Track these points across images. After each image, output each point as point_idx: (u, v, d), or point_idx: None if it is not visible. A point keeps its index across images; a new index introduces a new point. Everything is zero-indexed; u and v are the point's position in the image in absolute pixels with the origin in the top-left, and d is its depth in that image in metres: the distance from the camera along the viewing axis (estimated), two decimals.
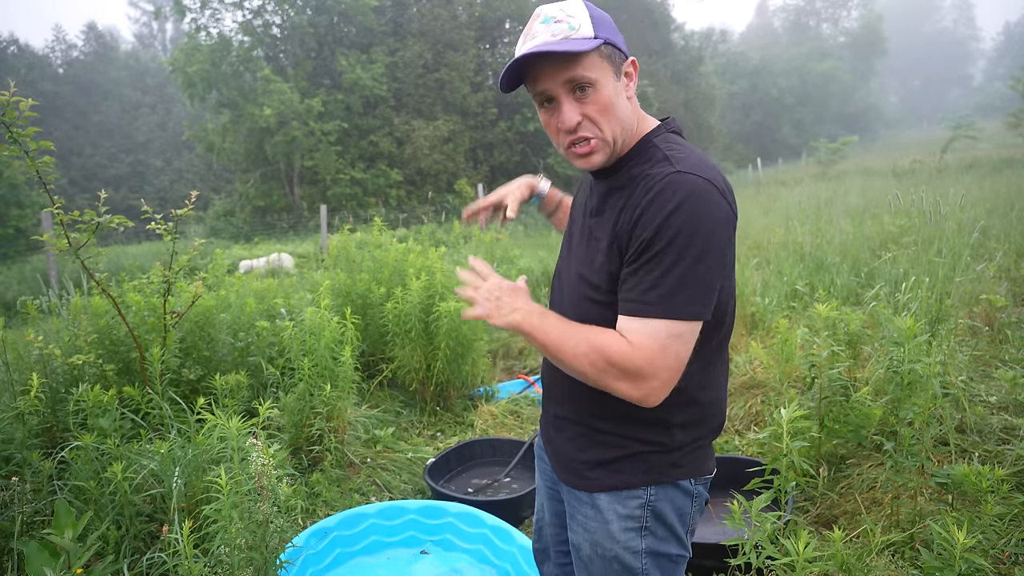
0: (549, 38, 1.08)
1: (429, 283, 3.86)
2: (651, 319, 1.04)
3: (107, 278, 3.05)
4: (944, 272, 4.31)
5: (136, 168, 32.59)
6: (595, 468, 1.23)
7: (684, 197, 1.03)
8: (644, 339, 1.04)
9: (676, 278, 1.03)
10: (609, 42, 1.10)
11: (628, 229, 1.08)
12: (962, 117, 27.92)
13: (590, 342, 1.08)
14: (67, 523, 1.68)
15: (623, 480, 1.20)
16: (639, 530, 1.21)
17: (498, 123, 21.85)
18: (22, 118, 2.22)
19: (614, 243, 1.12)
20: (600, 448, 1.22)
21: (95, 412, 2.30)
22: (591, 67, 1.09)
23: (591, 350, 1.07)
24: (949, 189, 8.83)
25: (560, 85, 1.10)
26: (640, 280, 1.05)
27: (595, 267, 1.16)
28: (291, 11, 20.64)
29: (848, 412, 2.63)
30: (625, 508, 1.21)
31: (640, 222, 1.06)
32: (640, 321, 1.05)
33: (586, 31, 1.08)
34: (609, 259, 1.13)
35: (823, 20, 58.01)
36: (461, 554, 2.50)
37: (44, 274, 9.38)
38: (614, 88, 1.11)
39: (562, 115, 1.11)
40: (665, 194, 1.04)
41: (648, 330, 1.04)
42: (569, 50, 1.05)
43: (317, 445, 3.00)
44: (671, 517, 1.22)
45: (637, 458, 1.20)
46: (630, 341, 1.05)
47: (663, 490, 1.21)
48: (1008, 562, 2.02)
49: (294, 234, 16.71)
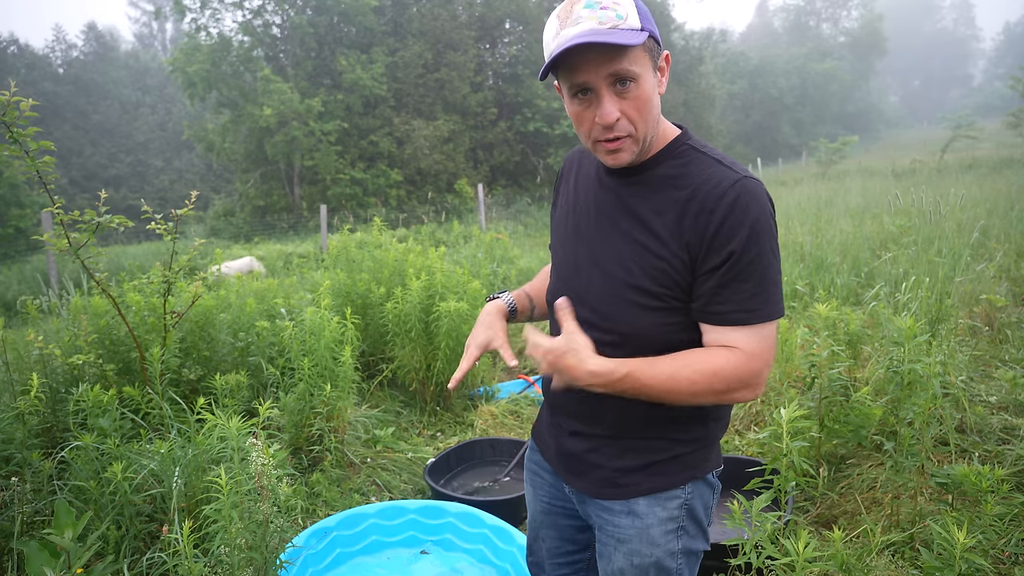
0: (596, 25, 1.00)
1: (429, 283, 3.86)
2: (757, 324, 1.07)
3: (107, 278, 3.05)
4: (944, 272, 4.31)
5: (136, 168, 32.60)
6: (631, 473, 1.20)
7: (759, 203, 1.05)
8: (756, 345, 1.07)
9: (770, 282, 1.06)
10: (653, 35, 1.05)
11: (708, 238, 1.05)
12: (962, 117, 27.85)
13: (703, 372, 1.05)
14: (67, 523, 1.68)
15: (664, 481, 1.18)
16: (677, 531, 1.20)
17: (498, 123, 21.85)
18: (22, 118, 2.22)
19: (682, 252, 1.08)
20: (637, 454, 1.19)
21: (95, 412, 2.30)
22: (635, 61, 1.03)
23: (711, 378, 1.05)
24: (949, 189, 8.83)
25: (603, 78, 1.02)
26: (738, 290, 1.05)
27: (650, 274, 1.10)
28: (291, 11, 20.65)
29: (848, 412, 2.63)
30: (665, 510, 1.19)
31: (723, 231, 1.04)
32: (748, 329, 1.07)
33: (634, 21, 1.01)
34: (673, 267, 1.09)
35: (823, 20, 58.01)
36: (461, 554, 2.50)
37: (44, 274, 9.39)
38: (652, 84, 1.07)
39: (603, 109, 1.04)
40: (743, 201, 1.04)
41: (758, 336, 1.07)
42: (622, 43, 0.98)
43: (317, 445, 3.00)
44: (700, 513, 1.22)
45: (677, 458, 1.18)
46: (744, 351, 1.06)
47: (697, 486, 1.20)
48: (1008, 562, 2.02)
49: (294, 234, 16.71)
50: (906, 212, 7.13)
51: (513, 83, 22.39)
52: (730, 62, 40.70)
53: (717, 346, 1.08)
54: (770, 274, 1.06)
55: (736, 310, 1.06)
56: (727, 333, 1.07)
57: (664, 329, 1.12)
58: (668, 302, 1.11)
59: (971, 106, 47.90)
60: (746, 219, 1.03)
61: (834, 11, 57.70)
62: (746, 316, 1.06)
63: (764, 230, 1.05)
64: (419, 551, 2.54)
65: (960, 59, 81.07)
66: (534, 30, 21.85)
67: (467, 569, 2.43)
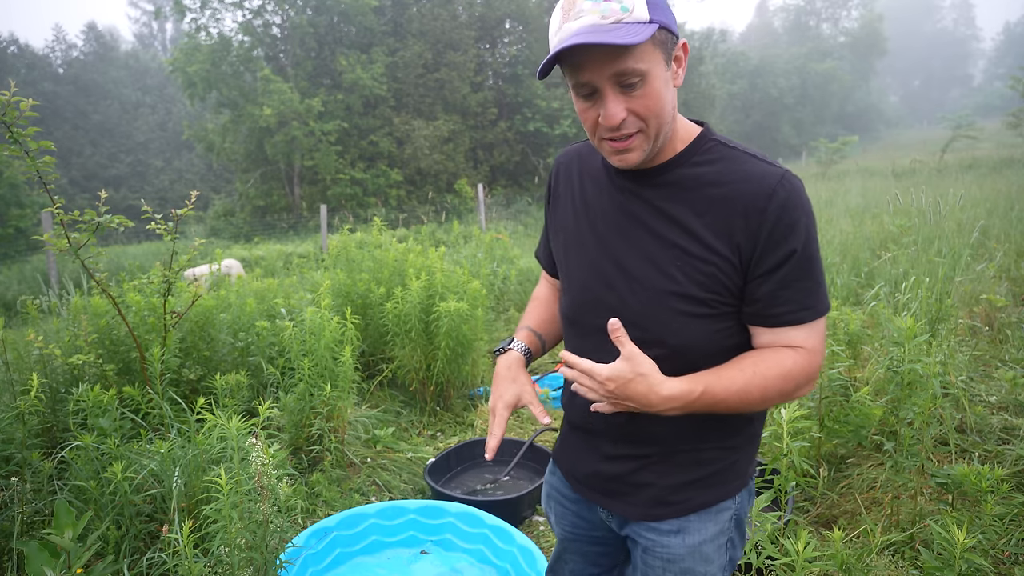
0: (598, 20, 0.92)
1: (429, 283, 3.86)
2: (815, 321, 1.05)
3: (107, 278, 3.05)
4: (944, 272, 4.31)
5: (136, 168, 32.60)
6: (682, 489, 1.13)
7: (805, 198, 1.03)
8: (816, 341, 1.06)
9: (821, 277, 1.05)
10: (664, 26, 0.95)
11: (763, 238, 1.00)
12: (962, 117, 27.85)
13: (775, 376, 1.03)
14: (67, 523, 1.68)
15: (716, 494, 1.13)
16: (727, 544, 1.16)
17: (498, 123, 21.85)
18: (22, 118, 2.22)
19: (732, 255, 1.02)
20: (688, 468, 1.13)
21: (95, 412, 2.30)
22: (643, 58, 0.93)
23: (782, 382, 1.03)
24: (949, 189, 8.83)
25: (607, 78, 0.95)
26: (799, 289, 1.03)
27: (696, 280, 1.03)
28: (291, 11, 20.65)
29: (848, 412, 2.63)
30: (717, 524, 1.14)
31: (778, 230, 0.99)
32: (807, 327, 1.05)
33: (640, 13, 0.92)
34: (722, 271, 1.02)
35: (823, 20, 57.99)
36: (461, 554, 2.50)
37: (44, 274, 9.39)
38: (664, 79, 0.97)
39: (607, 110, 0.97)
40: (794, 198, 1.00)
41: (815, 332, 1.06)
42: (623, 42, 0.89)
43: (317, 445, 3.00)
44: (744, 520, 1.20)
45: (725, 470, 1.14)
46: (807, 348, 1.05)
47: (743, 494, 1.18)
48: (1008, 562, 2.02)
49: (294, 234, 16.71)
50: (906, 212, 7.12)
51: (513, 83, 22.39)
52: (730, 62, 40.68)
53: (779, 347, 1.05)
54: (820, 269, 1.05)
55: (796, 309, 1.03)
56: (787, 333, 1.05)
57: (716, 337, 1.06)
58: (717, 308, 1.04)
59: (971, 106, 47.88)
60: (800, 216, 1.00)
61: (834, 11, 57.68)
62: (805, 314, 1.04)
63: (812, 227, 1.03)
64: (419, 551, 2.54)
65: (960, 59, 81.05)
66: (534, 30, 21.85)
67: (467, 569, 2.43)
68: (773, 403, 1.06)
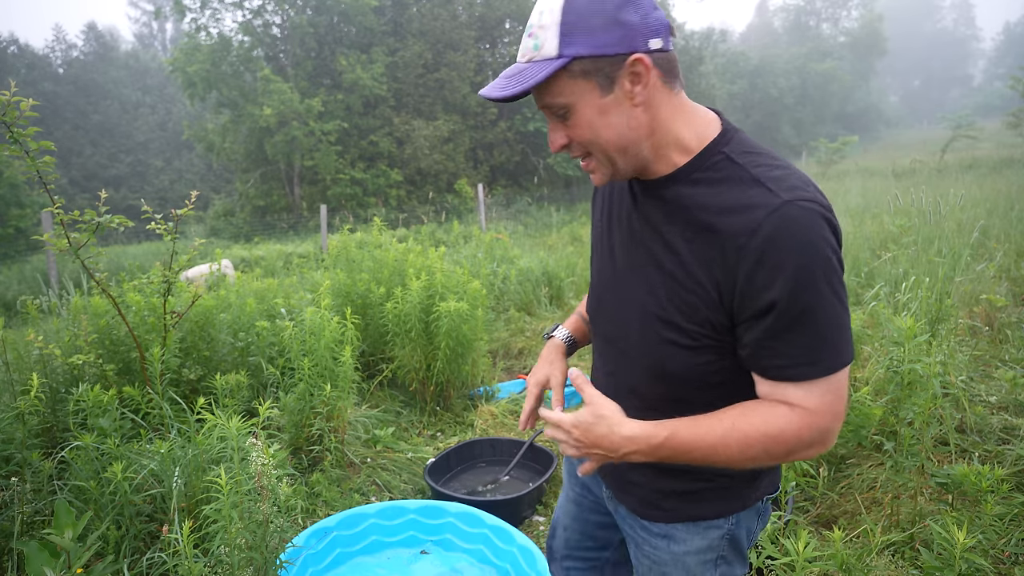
0: (520, 58, 0.95)
1: (429, 283, 3.86)
2: (819, 379, 0.90)
3: (107, 278, 3.05)
4: (944, 272, 4.31)
5: (136, 168, 32.61)
6: (671, 497, 1.11)
7: (807, 236, 0.85)
8: (820, 401, 0.90)
9: (833, 329, 0.88)
10: (582, 56, 0.89)
11: (741, 282, 0.89)
12: (962, 117, 27.84)
13: (759, 436, 0.92)
14: (67, 523, 1.68)
15: (708, 510, 1.10)
16: (715, 560, 1.12)
17: (498, 123, 21.85)
18: (22, 118, 2.22)
19: (712, 289, 0.93)
20: (677, 478, 1.10)
21: (95, 412, 2.30)
22: (560, 92, 0.92)
23: (767, 442, 0.92)
24: (949, 189, 8.82)
25: (542, 109, 0.97)
26: (792, 343, 0.89)
27: (680, 309, 0.97)
28: (291, 11, 20.65)
29: (848, 412, 2.63)
30: (704, 539, 1.11)
31: (759, 276, 0.87)
32: (807, 385, 0.90)
33: (548, 50, 0.90)
34: (704, 303, 0.94)
35: (823, 20, 57.98)
36: (461, 554, 2.50)
37: (44, 274, 9.38)
38: (599, 107, 0.92)
39: (549, 138, 1.00)
40: (783, 237, 0.85)
41: (820, 390, 0.90)
42: (513, 93, 0.90)
43: (317, 445, 3.00)
44: (743, 542, 1.14)
45: (722, 489, 1.09)
46: (806, 408, 0.91)
47: (742, 516, 1.12)
48: (1008, 562, 2.02)
49: (294, 234, 16.71)
50: (906, 212, 7.12)
51: None
52: (730, 62, 40.67)
53: (774, 401, 0.93)
54: (832, 321, 0.88)
55: (792, 364, 0.90)
56: (784, 389, 0.92)
57: (698, 370, 0.99)
58: (700, 340, 0.97)
59: (971, 106, 47.89)
60: (787, 261, 0.85)
61: (834, 11, 57.67)
62: (806, 371, 0.89)
63: (816, 271, 0.85)
64: (419, 551, 2.54)
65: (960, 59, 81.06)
66: None
67: (467, 569, 2.43)
68: (762, 463, 0.95)
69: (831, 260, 0.87)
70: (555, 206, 18.78)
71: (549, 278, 6.69)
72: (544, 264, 6.93)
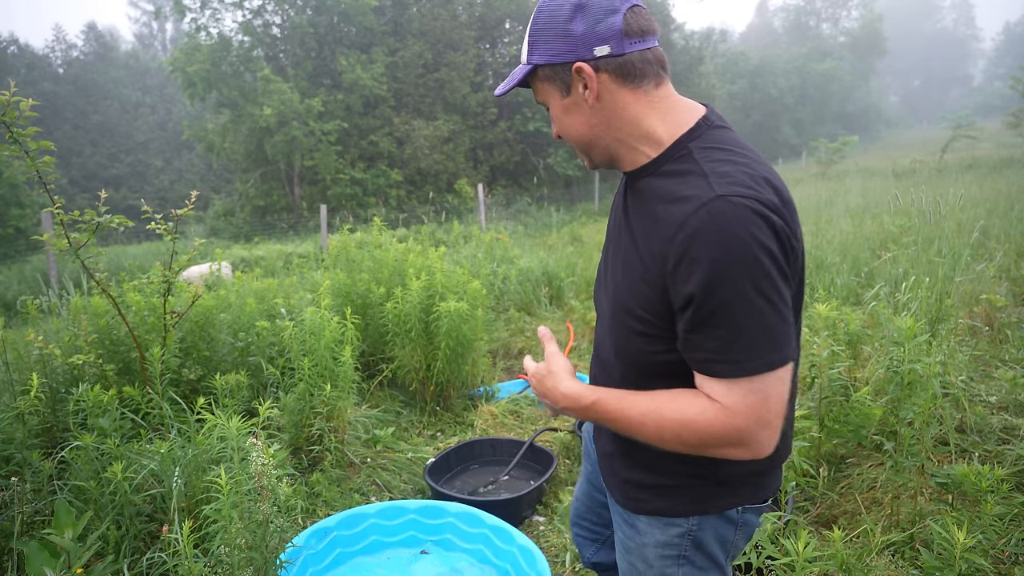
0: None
1: (429, 283, 3.86)
2: (740, 379, 0.89)
3: (107, 278, 3.05)
4: (944, 272, 4.31)
5: (136, 168, 32.62)
6: (639, 489, 1.15)
7: (731, 233, 0.85)
8: (741, 402, 0.90)
9: (754, 329, 0.87)
10: (541, 64, 1.02)
11: (668, 273, 0.92)
12: (962, 117, 27.82)
13: (673, 420, 0.95)
14: (67, 523, 1.68)
15: (665, 507, 1.13)
16: (677, 558, 1.15)
17: (498, 123, 21.86)
18: (22, 118, 2.22)
19: (656, 279, 0.95)
20: (646, 471, 1.14)
21: (95, 412, 2.30)
22: (538, 92, 1.09)
23: (679, 429, 0.95)
24: (949, 189, 8.82)
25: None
26: (709, 336, 0.90)
27: (637, 298, 1.00)
28: (291, 11, 20.66)
29: (848, 412, 2.63)
30: (664, 535, 1.14)
31: (680, 269, 0.89)
32: (728, 383, 0.91)
33: (523, 57, 1.07)
34: (655, 293, 0.96)
35: (823, 20, 57.99)
36: (461, 554, 2.50)
37: (44, 274, 9.39)
38: (563, 106, 1.05)
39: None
40: (704, 233, 0.86)
41: (742, 391, 0.90)
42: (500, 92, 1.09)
43: (317, 445, 3.00)
44: (713, 546, 1.14)
45: (682, 488, 1.11)
46: (723, 405, 0.91)
47: (707, 520, 1.12)
48: (1008, 562, 2.02)
49: (294, 234, 16.71)
50: (906, 212, 7.12)
51: None
52: (730, 62, 40.68)
53: (701, 393, 0.95)
54: (752, 321, 0.87)
55: (711, 359, 0.91)
56: (708, 383, 0.94)
57: (651, 357, 1.03)
58: (651, 328, 1.00)
59: (971, 106, 47.91)
60: (704, 255, 0.86)
61: (834, 11, 57.69)
62: (723, 368, 0.90)
63: (734, 267, 0.85)
64: (419, 551, 2.54)
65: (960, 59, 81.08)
66: None
67: (467, 569, 2.43)
68: (675, 448, 0.97)
69: (758, 258, 0.86)
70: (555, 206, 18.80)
71: (549, 278, 6.69)
72: (544, 264, 6.93)
